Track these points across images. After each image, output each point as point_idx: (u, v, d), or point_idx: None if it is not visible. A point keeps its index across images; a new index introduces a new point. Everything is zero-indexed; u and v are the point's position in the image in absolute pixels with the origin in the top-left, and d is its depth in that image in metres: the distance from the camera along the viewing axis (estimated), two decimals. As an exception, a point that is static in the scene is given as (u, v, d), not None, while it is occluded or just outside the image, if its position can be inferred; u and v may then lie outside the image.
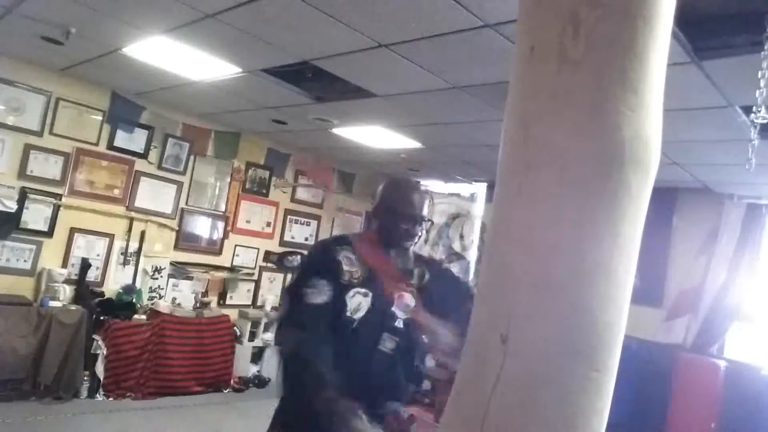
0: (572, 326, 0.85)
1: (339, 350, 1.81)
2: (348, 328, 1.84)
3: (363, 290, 1.87)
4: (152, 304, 5.42)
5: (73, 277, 4.96)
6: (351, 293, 1.86)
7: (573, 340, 0.84)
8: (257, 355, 6.16)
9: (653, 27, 0.89)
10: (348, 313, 1.84)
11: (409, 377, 1.97)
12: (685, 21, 2.09)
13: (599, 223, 0.86)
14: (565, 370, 0.84)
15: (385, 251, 1.97)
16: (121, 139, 5.26)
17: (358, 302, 1.86)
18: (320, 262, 1.91)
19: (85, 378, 4.68)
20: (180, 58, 3.75)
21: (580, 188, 0.86)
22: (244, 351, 5.96)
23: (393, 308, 1.90)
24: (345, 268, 1.86)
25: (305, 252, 6.69)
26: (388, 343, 1.88)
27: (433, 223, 2.09)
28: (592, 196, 0.86)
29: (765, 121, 1.80)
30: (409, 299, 1.93)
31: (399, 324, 1.90)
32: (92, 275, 5.11)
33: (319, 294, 1.80)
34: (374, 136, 5.20)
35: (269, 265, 6.51)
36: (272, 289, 6.60)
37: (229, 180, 6.12)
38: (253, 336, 6.09)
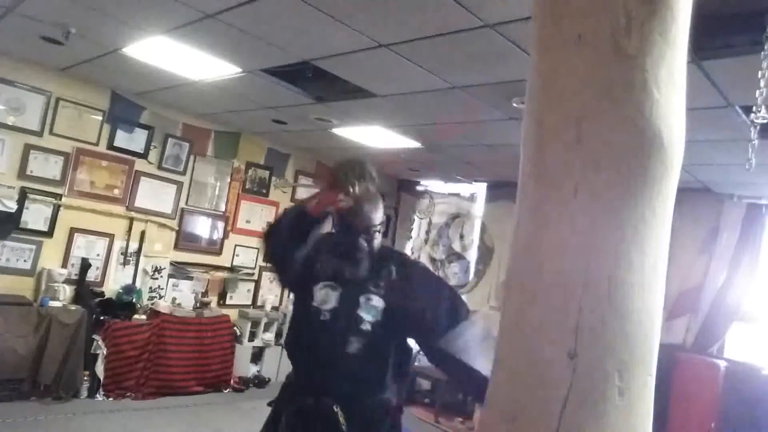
0: (636, 333, 0.81)
1: (308, 344, 1.88)
2: (317, 319, 1.86)
3: (332, 283, 1.89)
4: (152, 304, 5.42)
5: (73, 277, 4.96)
6: (320, 285, 1.89)
7: (635, 348, 0.81)
8: (257, 355, 6.15)
9: (686, 20, 0.87)
10: (315, 303, 1.87)
11: (391, 376, 1.93)
12: (685, 21, 2.09)
13: (658, 225, 0.83)
14: (630, 380, 0.80)
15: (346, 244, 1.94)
16: (121, 139, 5.26)
17: (326, 294, 1.88)
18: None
19: (85, 378, 4.68)
20: (180, 58, 3.75)
21: (640, 189, 0.82)
22: (244, 351, 5.96)
23: (359, 311, 1.87)
24: (319, 262, 1.91)
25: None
26: (355, 345, 1.85)
27: (384, 225, 2.06)
28: (650, 197, 0.82)
29: (765, 121, 1.80)
30: (377, 301, 1.89)
31: (366, 327, 1.86)
32: (92, 275, 5.11)
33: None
34: (374, 136, 5.19)
35: (269, 265, 6.49)
36: (272, 289, 6.60)
37: (229, 180, 6.12)
38: (253, 336, 6.09)
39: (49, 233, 4.87)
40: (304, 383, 1.91)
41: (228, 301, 6.17)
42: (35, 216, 4.79)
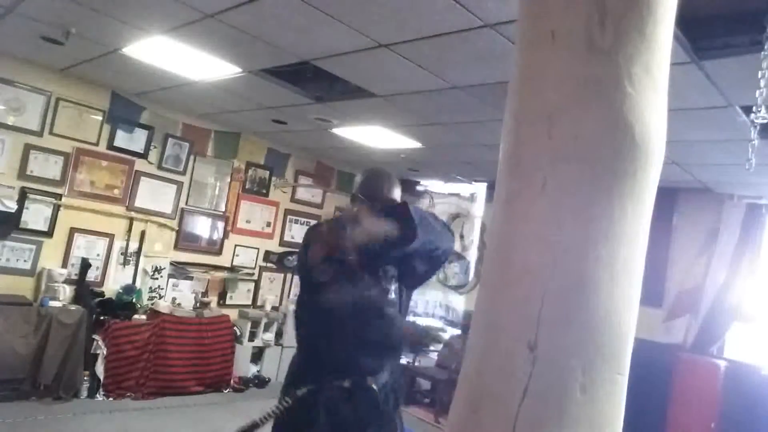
0: (602, 330, 0.80)
1: (343, 320, 1.95)
2: (348, 301, 1.95)
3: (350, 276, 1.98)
4: (152, 304, 5.42)
5: (73, 277, 4.96)
6: (337, 285, 1.97)
7: (602, 344, 0.80)
8: (257, 355, 6.15)
9: (668, 17, 0.87)
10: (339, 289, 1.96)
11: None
12: (685, 21, 2.09)
13: (628, 220, 0.82)
14: (595, 377, 0.79)
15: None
16: (121, 139, 5.26)
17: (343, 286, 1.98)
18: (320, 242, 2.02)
19: (85, 378, 4.68)
20: (180, 58, 3.75)
21: (610, 184, 0.81)
22: (244, 351, 5.96)
23: (384, 283, 2.01)
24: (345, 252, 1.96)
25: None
26: (390, 310, 2.01)
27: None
28: (622, 192, 0.82)
29: (765, 121, 1.80)
30: (392, 270, 2.03)
31: (392, 296, 2.03)
32: (92, 275, 5.11)
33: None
34: (374, 136, 5.20)
35: (269, 265, 6.51)
36: (272, 289, 6.60)
37: (229, 180, 6.12)
38: (253, 336, 6.09)
39: (49, 233, 4.87)
40: (333, 365, 1.95)
41: (228, 301, 6.17)
42: (35, 216, 4.79)
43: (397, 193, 2.11)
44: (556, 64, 0.85)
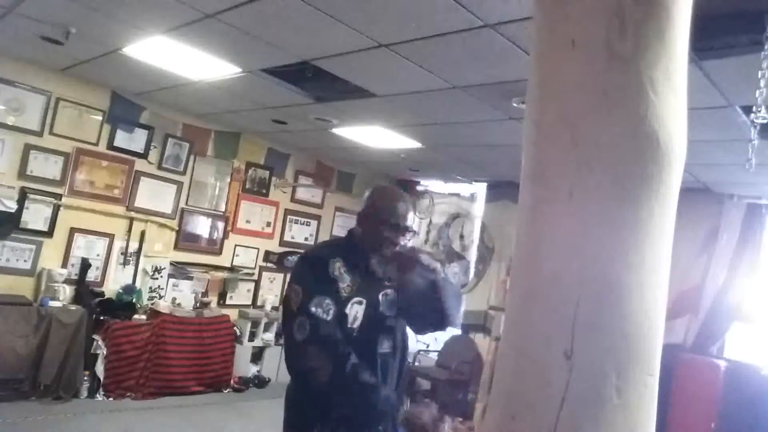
0: (635, 334, 0.82)
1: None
2: (349, 338, 1.87)
3: (358, 299, 1.91)
4: (152, 304, 5.42)
5: (73, 277, 4.96)
6: (349, 305, 1.89)
7: (635, 348, 0.82)
8: (257, 355, 6.16)
9: (684, 21, 0.87)
10: (349, 325, 1.88)
11: (402, 372, 2.02)
12: (685, 21, 2.09)
13: (654, 224, 0.84)
14: (628, 380, 0.81)
15: (367, 256, 2.00)
16: (121, 139, 5.26)
17: (356, 311, 1.90)
18: (318, 279, 1.90)
19: (85, 378, 4.68)
20: (180, 58, 3.75)
21: (636, 190, 0.82)
22: (244, 351, 5.96)
23: (381, 308, 1.95)
24: (340, 284, 1.90)
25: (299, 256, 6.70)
26: (385, 343, 1.94)
27: (416, 233, 2.15)
28: (648, 198, 0.83)
29: (765, 121, 1.80)
30: (392, 294, 1.99)
31: (391, 323, 1.96)
32: (92, 275, 5.11)
33: (327, 312, 1.84)
34: (374, 136, 5.20)
35: (269, 265, 6.51)
36: (272, 289, 6.60)
37: (229, 180, 6.12)
38: (253, 336, 6.09)
39: (49, 233, 4.87)
40: (332, 398, 1.84)
41: (228, 301, 6.17)
42: (35, 216, 4.79)
43: (411, 217, 2.03)
44: (576, 73, 0.86)
